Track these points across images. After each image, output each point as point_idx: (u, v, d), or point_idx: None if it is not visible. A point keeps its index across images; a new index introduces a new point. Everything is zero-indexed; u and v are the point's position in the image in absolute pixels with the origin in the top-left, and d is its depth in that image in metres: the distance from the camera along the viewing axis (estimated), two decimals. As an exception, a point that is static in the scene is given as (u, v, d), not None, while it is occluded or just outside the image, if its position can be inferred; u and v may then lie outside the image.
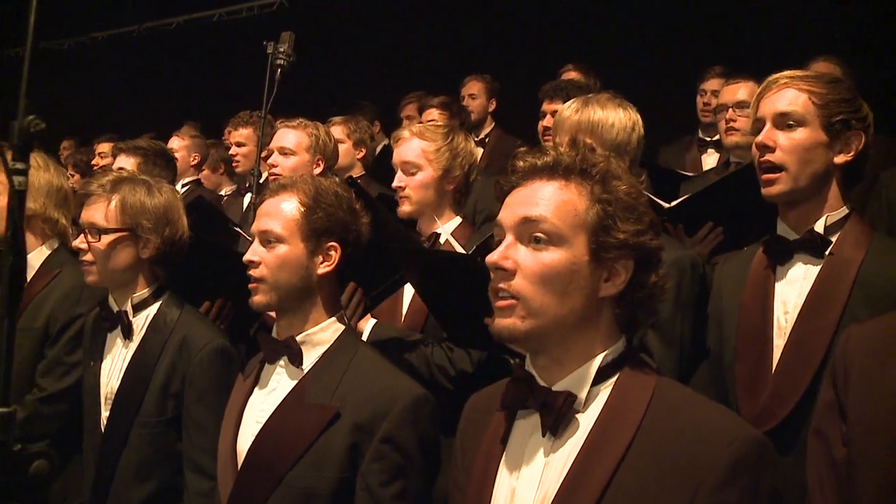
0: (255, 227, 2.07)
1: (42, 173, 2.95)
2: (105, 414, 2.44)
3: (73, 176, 5.44)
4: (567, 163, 1.45)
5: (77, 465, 2.65)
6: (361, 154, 4.40)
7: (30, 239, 2.91)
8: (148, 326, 2.45)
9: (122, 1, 8.68)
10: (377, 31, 7.26)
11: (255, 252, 2.04)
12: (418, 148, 2.82)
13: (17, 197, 1.04)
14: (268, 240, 2.03)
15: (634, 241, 1.42)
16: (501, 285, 1.42)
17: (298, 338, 2.03)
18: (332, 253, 2.05)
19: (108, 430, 2.42)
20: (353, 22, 7.41)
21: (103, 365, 2.49)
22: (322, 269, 2.04)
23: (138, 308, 2.47)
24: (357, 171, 4.30)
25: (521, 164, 1.49)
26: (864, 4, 4.85)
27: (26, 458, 1.14)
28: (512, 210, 1.46)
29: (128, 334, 2.46)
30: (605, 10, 6.02)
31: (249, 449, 1.99)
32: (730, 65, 4.48)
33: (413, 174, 2.82)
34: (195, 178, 5.09)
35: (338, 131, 4.17)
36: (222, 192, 5.40)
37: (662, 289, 1.48)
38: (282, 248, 2.02)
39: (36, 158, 2.94)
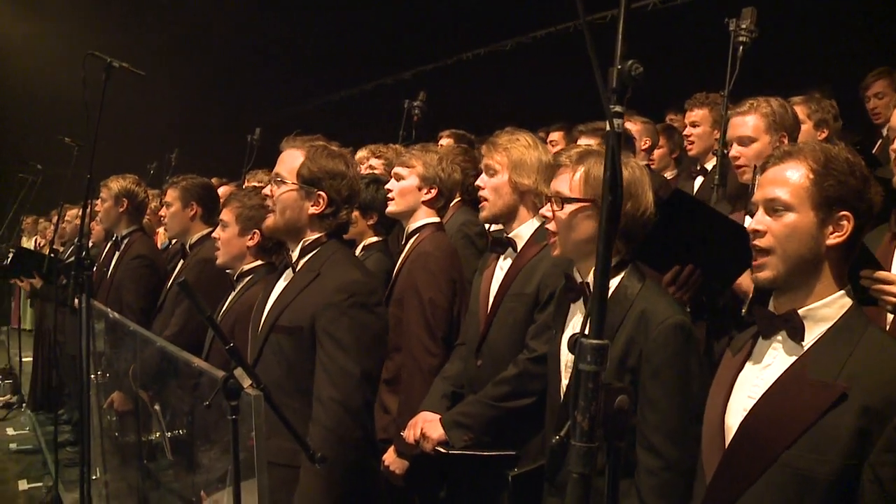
0: (758, 196, 2.00)
1: (532, 151, 3.11)
2: (564, 382, 2.50)
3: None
4: None
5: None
6: (823, 136, 4.06)
7: (521, 212, 3.13)
8: (609, 299, 2.41)
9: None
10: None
11: (760, 221, 1.96)
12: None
13: (616, 138, 1.09)
14: (774, 208, 1.95)
15: None
16: None
17: (801, 311, 1.92)
18: (844, 223, 1.91)
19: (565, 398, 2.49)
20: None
21: (564, 335, 2.54)
22: (832, 241, 1.91)
23: None
24: (816, 154, 3.98)
25: None
26: None
27: (613, 391, 1.20)
28: None
29: None
30: None
31: (741, 424, 1.93)
32: None
33: None
34: (646, 162, 5.12)
35: (798, 111, 3.88)
36: (666, 175, 5.37)
37: None
38: (790, 217, 1.92)
39: (526, 138, 3.15)
